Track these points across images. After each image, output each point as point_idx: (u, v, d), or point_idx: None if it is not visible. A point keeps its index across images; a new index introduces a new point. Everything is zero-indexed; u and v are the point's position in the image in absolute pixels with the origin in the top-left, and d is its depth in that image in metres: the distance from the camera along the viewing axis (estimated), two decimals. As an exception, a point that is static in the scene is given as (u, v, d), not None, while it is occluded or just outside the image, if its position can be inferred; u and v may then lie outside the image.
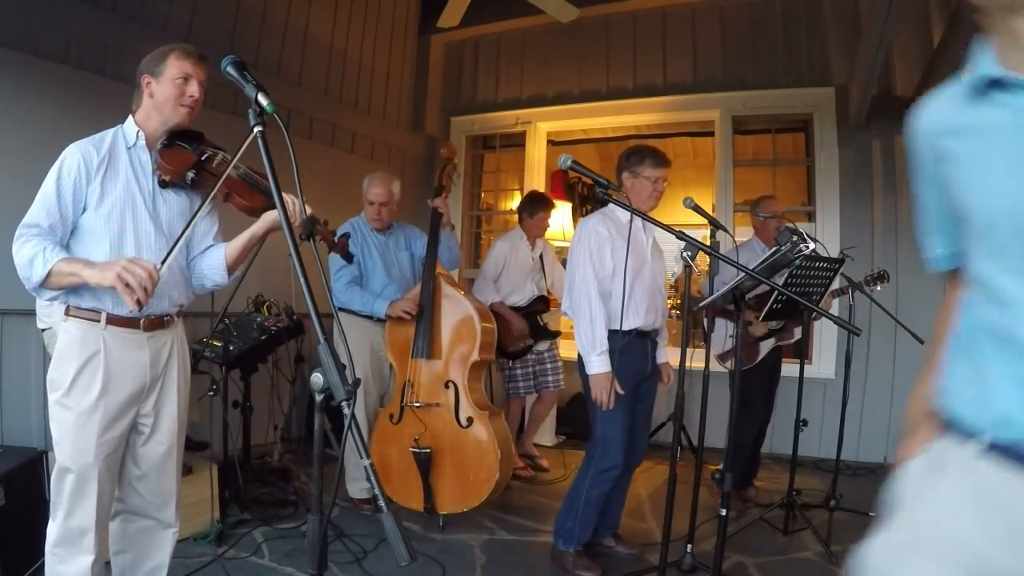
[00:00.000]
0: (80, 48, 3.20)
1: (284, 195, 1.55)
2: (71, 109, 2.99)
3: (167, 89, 1.74)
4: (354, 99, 5.09)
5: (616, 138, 6.03)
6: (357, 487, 3.24)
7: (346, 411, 1.04)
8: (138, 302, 1.49)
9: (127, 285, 1.48)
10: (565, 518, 2.65)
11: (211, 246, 1.93)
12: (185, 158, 1.80)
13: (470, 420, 2.95)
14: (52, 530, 1.71)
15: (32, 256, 1.55)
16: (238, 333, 3.29)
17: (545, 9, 4.24)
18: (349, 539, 2.80)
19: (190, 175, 1.79)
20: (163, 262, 1.62)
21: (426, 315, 3.02)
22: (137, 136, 1.77)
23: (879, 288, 3.21)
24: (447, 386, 2.99)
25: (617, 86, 5.30)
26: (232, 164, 1.72)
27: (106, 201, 1.69)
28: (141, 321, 1.73)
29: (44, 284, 1.58)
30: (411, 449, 2.95)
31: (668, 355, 2.82)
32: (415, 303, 3.02)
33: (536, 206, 4.03)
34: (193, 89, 1.76)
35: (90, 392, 1.67)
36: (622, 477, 2.69)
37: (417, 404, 2.99)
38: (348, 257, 2.15)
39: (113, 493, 1.80)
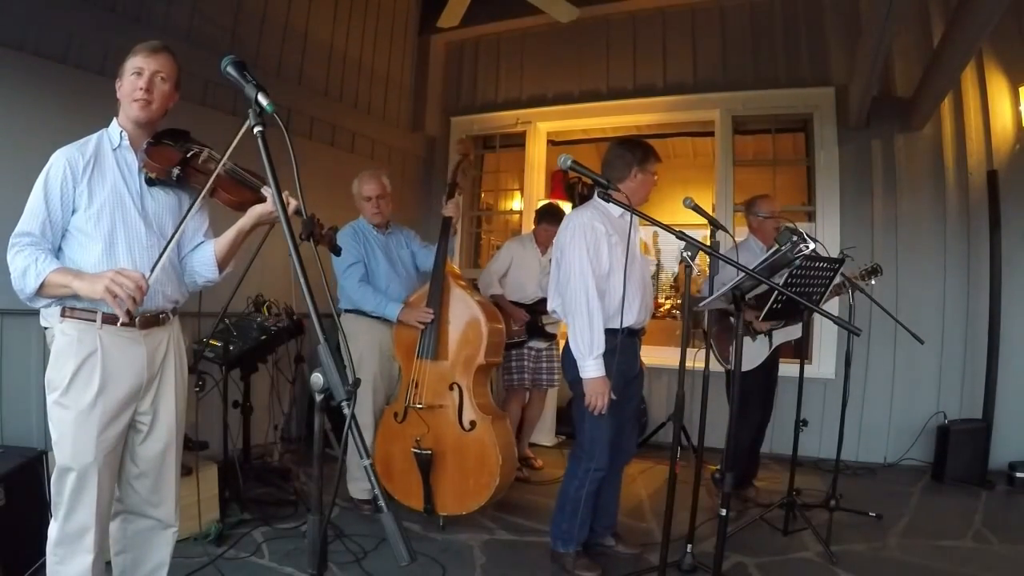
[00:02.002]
0: (80, 48, 3.20)
1: (271, 191, 1.56)
2: (71, 109, 2.99)
3: (124, 86, 1.77)
4: (354, 99, 5.09)
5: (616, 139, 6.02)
6: (358, 487, 3.24)
7: (346, 411, 1.04)
8: (127, 312, 1.52)
9: (115, 296, 1.51)
10: (560, 520, 2.65)
11: (201, 243, 1.94)
12: (170, 155, 1.82)
13: (473, 424, 2.93)
14: (53, 530, 1.71)
15: (25, 267, 1.58)
16: (238, 333, 3.29)
17: (545, 9, 4.24)
18: (349, 539, 2.80)
19: (175, 171, 1.80)
20: (152, 270, 1.64)
21: (434, 316, 3.01)
22: (121, 137, 1.79)
23: (873, 282, 3.21)
24: (452, 388, 2.98)
25: (617, 86, 5.30)
26: (221, 163, 1.72)
27: (95, 202, 1.71)
28: (137, 319, 1.74)
29: (38, 294, 1.60)
30: (412, 450, 2.95)
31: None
32: (428, 313, 3.00)
33: (544, 217, 4.17)
34: (142, 82, 1.74)
35: (88, 391, 1.68)
36: (611, 477, 2.68)
37: (419, 405, 2.98)
38: (336, 250, 2.14)
39: (113, 492, 1.80)
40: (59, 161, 1.69)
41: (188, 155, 1.84)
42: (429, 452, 2.92)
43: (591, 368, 2.40)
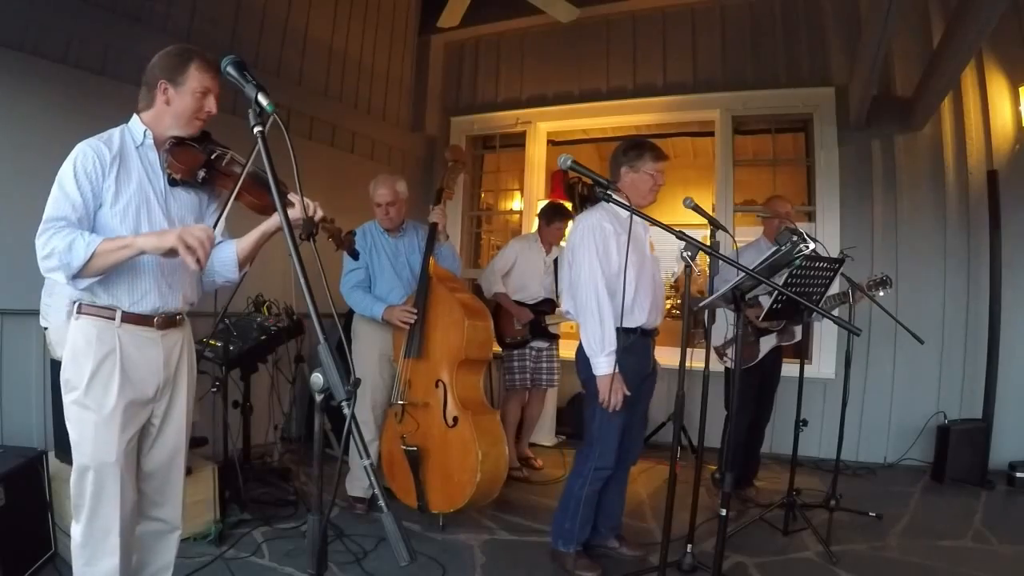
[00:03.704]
0: (80, 48, 3.20)
1: (298, 197, 1.56)
2: (71, 109, 2.99)
3: (187, 101, 1.72)
4: (354, 99, 5.09)
5: (616, 138, 6.00)
6: (355, 484, 3.25)
7: (346, 411, 1.04)
8: (197, 261, 1.51)
9: (188, 246, 1.49)
10: (562, 519, 2.65)
11: (220, 242, 1.91)
12: (195, 157, 1.79)
13: (455, 419, 2.95)
14: (76, 532, 1.69)
15: (71, 242, 1.51)
16: (238, 333, 3.29)
17: (545, 9, 4.24)
18: (349, 539, 2.80)
19: (201, 174, 1.79)
20: (215, 225, 1.65)
21: (419, 316, 3.04)
22: (145, 135, 1.75)
23: (882, 294, 3.21)
24: (437, 385, 3.01)
25: (617, 86, 5.30)
26: (246, 166, 1.73)
27: (121, 199, 1.67)
28: (155, 319, 1.73)
29: (83, 270, 1.53)
30: (400, 447, 2.98)
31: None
32: (411, 313, 3.03)
33: (554, 215, 4.17)
34: (211, 104, 1.74)
35: (109, 391, 1.66)
36: (617, 477, 2.68)
37: (402, 402, 3.03)
38: (354, 254, 2.15)
39: (134, 492, 1.76)
40: (87, 152, 1.63)
41: (212, 157, 1.82)
42: (415, 448, 2.95)
43: (602, 365, 2.43)
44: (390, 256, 3.28)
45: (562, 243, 4.30)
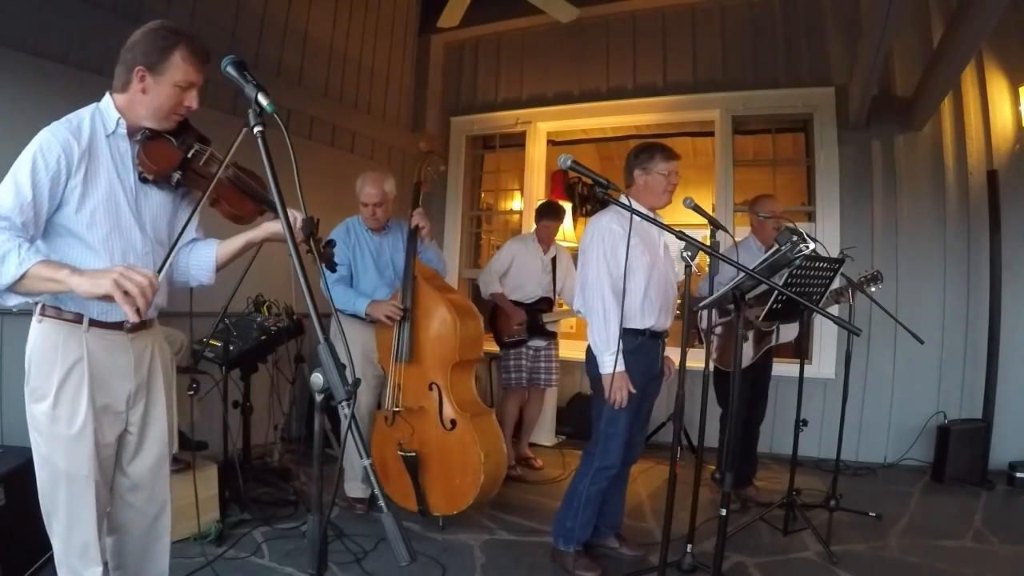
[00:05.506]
0: (80, 48, 3.20)
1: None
2: (71, 109, 2.97)
3: (165, 94, 1.57)
4: (354, 99, 5.09)
5: (616, 138, 6.03)
6: (352, 485, 3.25)
7: (346, 411, 1.04)
8: (137, 311, 1.31)
9: (126, 293, 1.29)
10: (564, 518, 2.65)
11: (196, 241, 1.80)
12: (171, 156, 1.64)
13: (454, 423, 2.94)
14: (56, 547, 1.62)
15: (4, 253, 1.32)
16: (238, 333, 3.29)
17: (545, 9, 4.24)
18: (349, 539, 2.80)
19: (176, 176, 1.64)
20: (160, 270, 1.49)
21: (406, 319, 2.99)
22: (117, 124, 1.60)
23: (874, 289, 3.21)
24: (430, 388, 2.98)
25: (617, 86, 5.30)
26: (223, 166, 1.62)
27: (88, 202, 1.52)
28: (124, 323, 1.61)
29: (14, 287, 1.36)
30: (398, 452, 2.96)
31: (668, 354, 2.81)
32: (398, 309, 2.98)
33: (544, 214, 4.19)
34: (192, 100, 1.60)
35: (79, 402, 1.57)
36: (620, 475, 2.69)
37: (397, 408, 3.00)
38: (332, 267, 2.11)
39: (107, 500, 1.69)
40: (53, 146, 1.48)
41: (189, 155, 1.66)
42: (413, 454, 2.94)
43: (608, 364, 2.46)
44: (373, 254, 3.24)
45: (560, 241, 4.32)
